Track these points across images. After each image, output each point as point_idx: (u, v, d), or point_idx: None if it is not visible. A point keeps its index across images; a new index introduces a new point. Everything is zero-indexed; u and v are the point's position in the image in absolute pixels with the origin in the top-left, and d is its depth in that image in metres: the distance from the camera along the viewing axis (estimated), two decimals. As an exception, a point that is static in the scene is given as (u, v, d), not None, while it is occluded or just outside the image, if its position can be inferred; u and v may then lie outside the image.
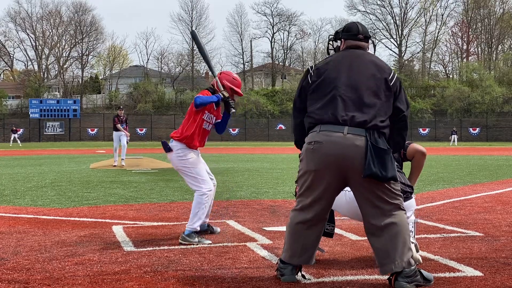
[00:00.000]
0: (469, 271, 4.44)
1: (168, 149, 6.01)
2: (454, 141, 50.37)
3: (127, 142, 18.55)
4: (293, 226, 4.18)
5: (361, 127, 3.95)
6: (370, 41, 4.36)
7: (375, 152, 3.91)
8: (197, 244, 5.62)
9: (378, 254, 4.02)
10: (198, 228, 5.88)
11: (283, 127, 67.93)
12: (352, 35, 4.29)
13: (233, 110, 6.12)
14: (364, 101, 4.01)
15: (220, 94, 5.97)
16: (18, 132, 54.12)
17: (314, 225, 4.15)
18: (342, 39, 4.34)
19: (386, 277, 4.15)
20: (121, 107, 20.75)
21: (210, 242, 5.70)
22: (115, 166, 18.08)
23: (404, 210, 4.09)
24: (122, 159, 18.20)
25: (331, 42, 4.44)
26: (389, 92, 4.09)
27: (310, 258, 4.20)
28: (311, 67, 4.30)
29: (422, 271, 4.04)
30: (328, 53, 4.45)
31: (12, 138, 52.50)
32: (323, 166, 4.00)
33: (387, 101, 4.08)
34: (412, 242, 4.77)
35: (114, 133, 18.53)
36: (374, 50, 4.56)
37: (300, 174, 4.20)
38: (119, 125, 18.39)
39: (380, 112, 4.02)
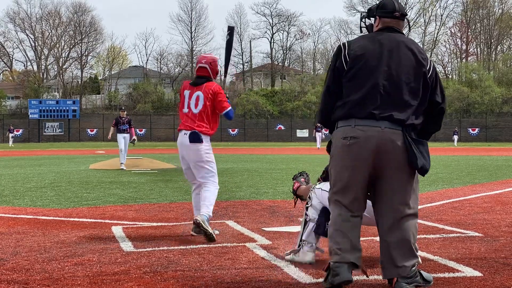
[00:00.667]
0: (469, 272, 4.44)
1: (199, 140, 6.04)
2: (454, 141, 50.50)
3: (134, 142, 18.00)
4: (340, 226, 3.94)
5: (398, 124, 3.86)
6: (406, 19, 4.14)
7: (417, 145, 3.85)
8: (211, 234, 5.72)
9: (384, 256, 3.96)
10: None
11: (283, 128, 67.95)
12: (388, 13, 4.04)
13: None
14: (403, 99, 3.88)
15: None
16: (16, 133, 54.10)
17: (358, 223, 3.98)
18: (377, 17, 4.10)
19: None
20: (123, 108, 19.97)
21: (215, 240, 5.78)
22: (123, 169, 17.33)
23: (417, 217, 4.04)
24: (121, 163, 17.68)
25: (363, 20, 4.21)
26: (426, 87, 3.97)
27: (359, 258, 3.96)
28: (344, 46, 4.01)
29: (422, 271, 4.03)
30: (361, 32, 4.24)
31: (10, 139, 52.55)
32: (361, 162, 3.86)
33: (424, 97, 3.97)
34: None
35: (118, 135, 18.03)
36: (409, 30, 4.37)
37: (333, 171, 4.01)
38: (112, 129, 18.14)
39: (417, 111, 3.94)
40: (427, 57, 4.05)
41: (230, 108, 6.14)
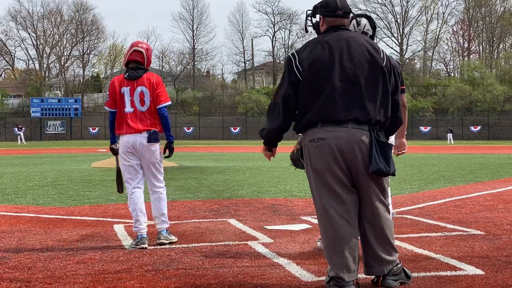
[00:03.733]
0: (471, 270, 4.44)
1: (157, 140, 5.68)
2: (449, 139, 50.46)
3: None
4: (342, 238, 3.77)
5: (365, 124, 3.80)
6: (351, 15, 4.04)
7: (380, 147, 3.78)
8: (175, 239, 5.69)
9: (368, 254, 3.90)
10: None
11: (284, 126, 67.80)
12: (330, 12, 3.94)
13: None
14: (364, 97, 3.80)
15: None
16: (19, 131, 54.25)
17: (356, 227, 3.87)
18: (321, 16, 4.02)
19: (371, 277, 4.05)
20: None
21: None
22: None
23: (389, 211, 3.99)
24: None
25: (309, 18, 4.10)
26: (385, 82, 3.88)
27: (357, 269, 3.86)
28: (294, 57, 3.90)
29: (405, 268, 4.01)
30: (306, 30, 4.15)
31: (20, 137, 52.72)
32: (331, 163, 3.77)
33: (386, 91, 3.89)
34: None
35: None
36: (357, 25, 4.26)
37: (310, 179, 3.94)
38: None
39: (381, 107, 3.86)
40: (380, 50, 3.95)
41: (169, 102, 5.76)
